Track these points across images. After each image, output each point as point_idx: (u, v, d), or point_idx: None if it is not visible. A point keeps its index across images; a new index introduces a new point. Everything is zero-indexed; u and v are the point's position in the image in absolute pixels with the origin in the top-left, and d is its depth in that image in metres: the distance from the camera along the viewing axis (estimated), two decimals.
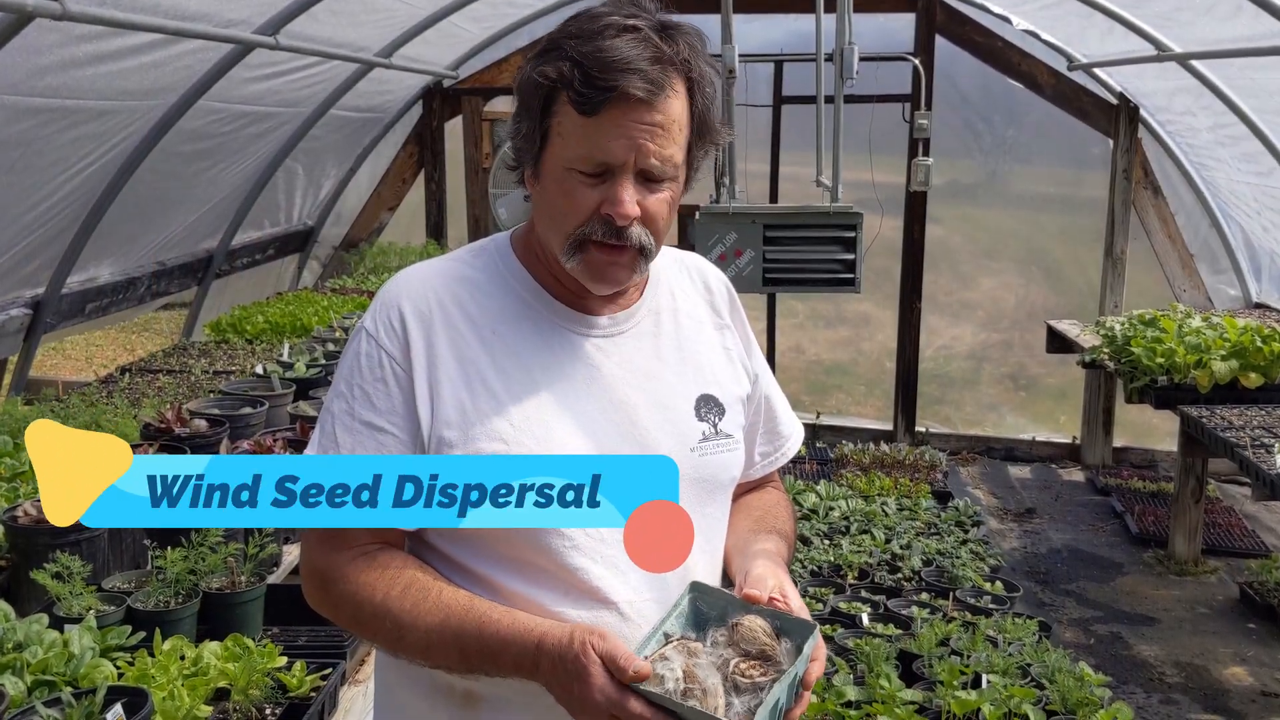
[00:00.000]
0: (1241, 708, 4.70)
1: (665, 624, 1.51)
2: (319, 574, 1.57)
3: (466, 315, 1.62)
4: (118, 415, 3.89)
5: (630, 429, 1.63)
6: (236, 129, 5.98)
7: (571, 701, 1.42)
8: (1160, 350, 5.62)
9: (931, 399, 8.39)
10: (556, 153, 1.55)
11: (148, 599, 2.61)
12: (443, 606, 1.50)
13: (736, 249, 6.54)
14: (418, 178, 8.37)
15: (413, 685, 1.64)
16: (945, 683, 3.85)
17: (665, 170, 1.56)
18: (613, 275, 1.60)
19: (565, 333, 1.65)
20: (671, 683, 1.39)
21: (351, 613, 1.55)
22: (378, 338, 1.61)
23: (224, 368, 5.19)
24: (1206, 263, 7.84)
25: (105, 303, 5.68)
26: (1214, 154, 7.18)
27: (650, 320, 1.72)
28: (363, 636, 1.58)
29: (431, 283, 1.65)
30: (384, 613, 1.51)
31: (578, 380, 1.62)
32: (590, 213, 1.55)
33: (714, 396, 1.73)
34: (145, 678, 2.15)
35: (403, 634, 1.49)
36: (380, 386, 1.58)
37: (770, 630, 1.48)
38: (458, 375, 1.58)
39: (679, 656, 1.43)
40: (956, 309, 8.60)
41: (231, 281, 7.33)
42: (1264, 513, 7.09)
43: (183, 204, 6.13)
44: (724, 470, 1.73)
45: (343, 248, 8.46)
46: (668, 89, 1.52)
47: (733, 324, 1.84)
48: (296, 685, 2.29)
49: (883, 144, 7.57)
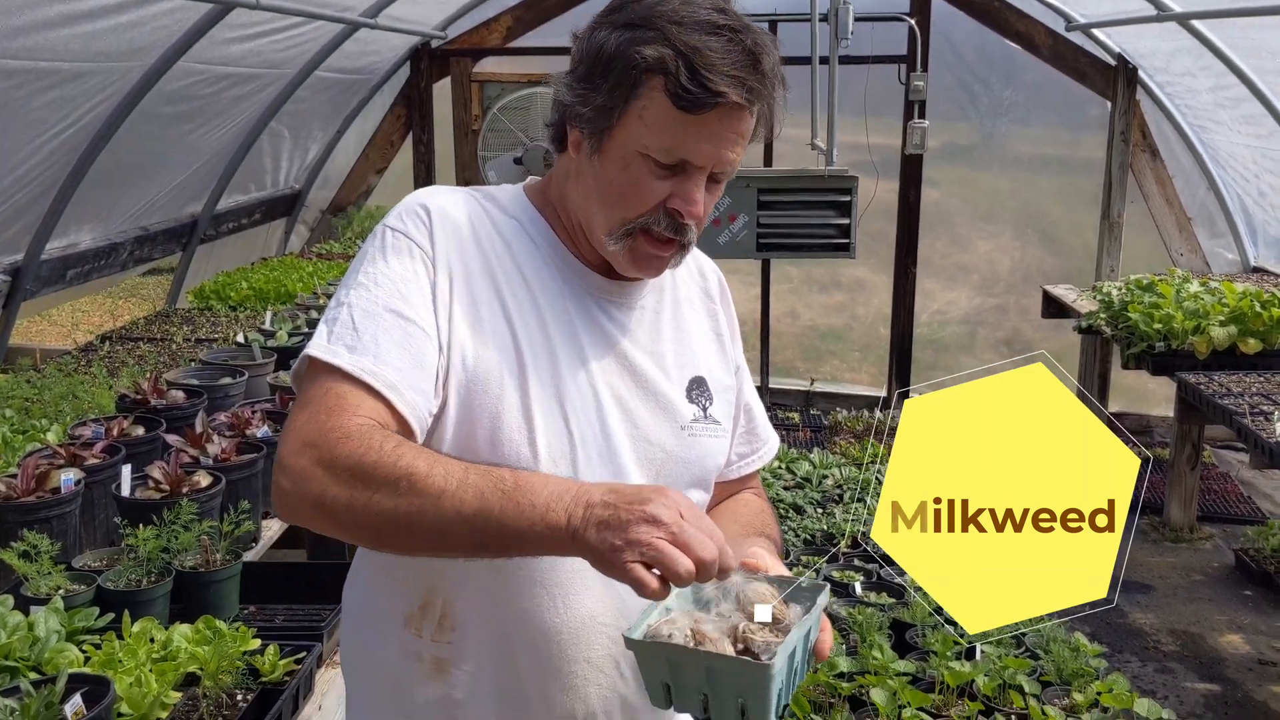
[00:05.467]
0: (1238, 676, 4.66)
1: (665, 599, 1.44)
2: (312, 442, 1.35)
3: (489, 235, 1.58)
4: (94, 386, 3.81)
5: (637, 388, 1.60)
6: (219, 91, 5.86)
7: (627, 521, 1.24)
8: (1158, 316, 5.54)
9: (926, 364, 8.31)
10: (633, 135, 1.48)
11: (118, 578, 2.53)
12: (464, 462, 1.35)
13: (730, 214, 6.44)
14: (406, 140, 8.25)
15: (383, 656, 1.58)
16: (939, 654, 3.81)
17: (730, 174, 1.55)
18: (655, 266, 1.58)
19: (577, 286, 1.61)
20: (680, 640, 1.32)
21: (352, 466, 1.31)
22: (404, 229, 1.54)
23: (206, 335, 5.10)
24: (1204, 226, 7.75)
25: (86, 269, 5.58)
26: (1213, 116, 7.07)
27: (653, 297, 1.69)
28: (357, 502, 1.31)
29: (456, 195, 1.61)
30: (395, 461, 1.30)
31: (589, 332, 1.59)
32: (657, 204, 1.51)
33: (705, 380, 1.70)
34: (112, 662, 2.08)
35: (415, 482, 1.29)
36: (410, 278, 1.49)
37: (779, 596, 1.41)
38: (482, 287, 1.53)
39: (685, 620, 1.36)
40: (952, 273, 8.51)
41: (217, 247, 7.22)
42: (1260, 479, 7.04)
43: (165, 168, 6.02)
44: (710, 456, 1.69)
45: (330, 212, 8.35)
46: (760, 104, 1.49)
47: (723, 312, 1.81)
48: (269, 670, 2.21)
49: (878, 106, 7.45)
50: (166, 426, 3.30)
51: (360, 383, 1.40)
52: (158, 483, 2.85)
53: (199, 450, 3.06)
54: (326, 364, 1.42)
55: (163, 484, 2.84)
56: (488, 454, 1.48)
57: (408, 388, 1.42)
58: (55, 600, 2.32)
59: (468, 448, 1.49)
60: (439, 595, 1.54)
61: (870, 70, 7.33)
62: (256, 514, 3.06)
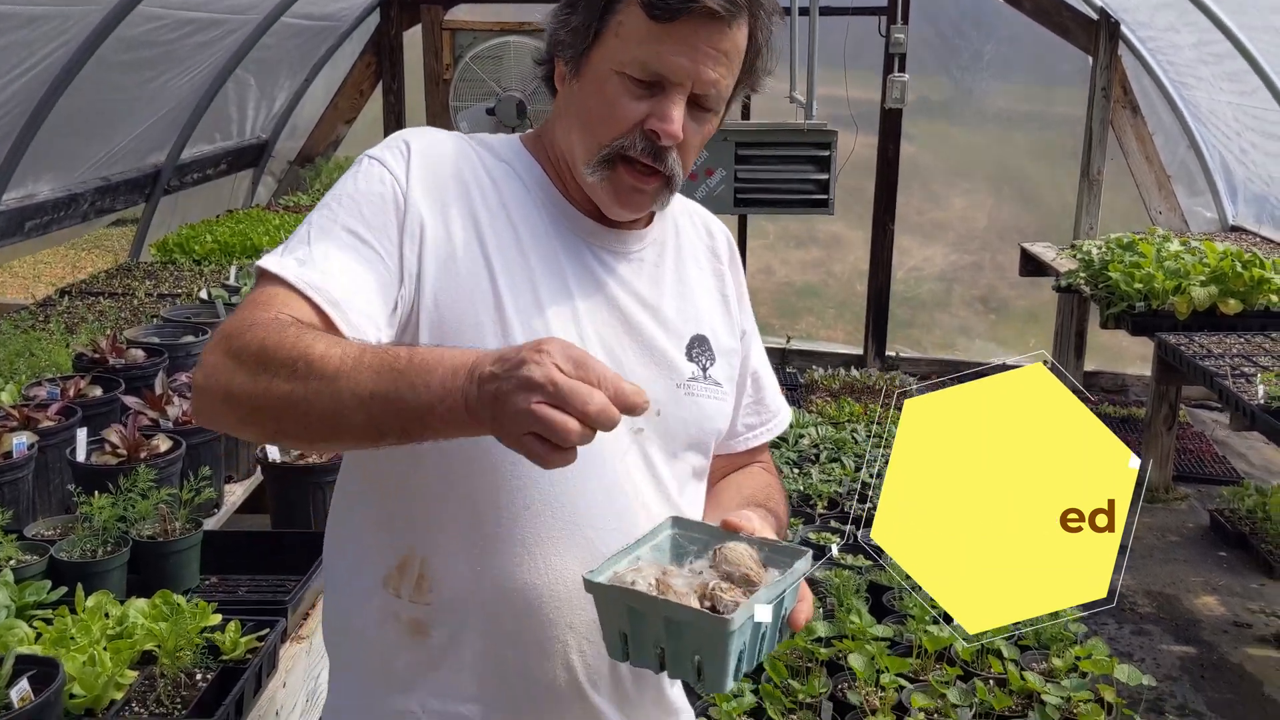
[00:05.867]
0: (1213, 638, 4.65)
1: (638, 549, 1.36)
2: (227, 334, 1.30)
3: (475, 175, 1.51)
4: (51, 343, 3.67)
5: (630, 340, 1.53)
6: (180, 37, 5.68)
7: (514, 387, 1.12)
8: (1139, 276, 5.48)
9: (902, 322, 8.25)
10: (608, 53, 1.44)
11: (72, 549, 2.41)
12: (369, 345, 1.27)
13: (708, 168, 6.32)
14: (376, 90, 8.05)
15: (362, 620, 1.52)
16: (917, 618, 3.77)
17: (714, 100, 1.47)
18: (636, 201, 1.50)
19: (569, 231, 1.53)
20: (644, 589, 1.25)
21: (255, 351, 1.25)
22: (382, 159, 1.48)
23: (170, 290, 4.95)
24: (1183, 184, 7.69)
25: (45, 220, 5.41)
26: (1195, 72, 6.99)
27: (654, 250, 1.61)
28: (258, 388, 1.24)
29: (445, 135, 1.55)
30: (294, 343, 1.24)
31: (579, 278, 1.52)
32: (632, 125, 1.44)
33: (707, 339, 1.61)
34: (64, 640, 1.98)
35: (312, 363, 1.21)
36: (376, 201, 1.43)
37: (757, 558, 1.33)
38: (460, 226, 1.46)
39: (653, 570, 1.29)
40: (928, 229, 8.43)
41: (182, 198, 7.04)
42: (1235, 439, 7.03)
43: (127, 117, 5.85)
44: (707, 419, 1.60)
45: (298, 162, 8.17)
46: (742, 16, 1.43)
47: (730, 274, 1.72)
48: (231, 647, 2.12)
49: (857, 59, 7.33)
50: (125, 387, 3.17)
51: (303, 296, 1.33)
52: (115, 447, 2.73)
53: (159, 413, 2.94)
54: (274, 275, 1.36)
55: (120, 449, 2.72)
56: None
57: (352, 309, 1.34)
58: (4, 573, 2.21)
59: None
60: (416, 553, 1.47)
61: (850, 22, 7.19)
62: (218, 480, 2.94)
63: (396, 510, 1.49)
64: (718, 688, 1.21)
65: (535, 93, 7.03)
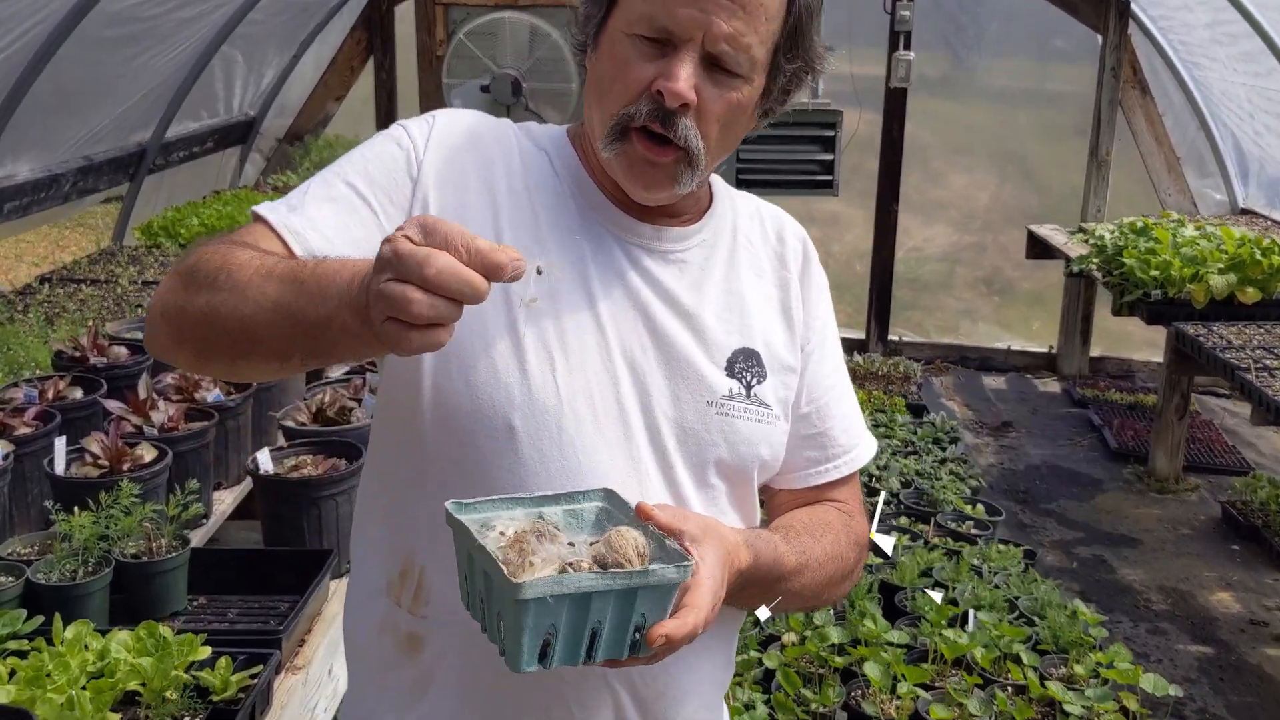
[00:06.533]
0: (1230, 637, 4.54)
1: (545, 506, 1.18)
2: (186, 264, 1.24)
3: (504, 158, 1.40)
4: (30, 337, 3.50)
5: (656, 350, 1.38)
6: (165, 12, 5.48)
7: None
8: (1155, 262, 5.33)
9: (903, 304, 8.09)
10: (621, 16, 1.32)
11: (50, 570, 2.25)
12: (294, 258, 1.21)
13: None
14: (366, 66, 7.85)
15: (366, 627, 1.43)
16: (932, 621, 3.64)
17: (737, 60, 1.29)
18: (650, 177, 1.33)
19: (600, 227, 1.40)
20: (493, 535, 1.11)
21: (192, 266, 1.21)
22: (406, 125, 1.40)
23: (154, 277, 4.77)
24: (1193, 166, 7.54)
25: (26, 201, 5.22)
26: (1209, 52, 6.82)
27: (700, 251, 1.45)
28: (185, 301, 1.19)
29: (485, 117, 1.45)
30: (223, 254, 1.19)
31: (605, 279, 1.38)
32: (641, 89, 1.29)
33: (756, 354, 1.43)
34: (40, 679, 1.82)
35: (231, 273, 1.16)
36: (387, 162, 1.35)
37: (643, 552, 1.11)
38: (476, 207, 1.35)
39: (528, 526, 1.13)
40: (928, 208, 8.25)
41: (168, 176, 6.83)
42: (1244, 427, 6.92)
43: (110, 94, 5.65)
44: (744, 443, 1.40)
45: (287, 140, 7.96)
46: None
47: (799, 285, 1.52)
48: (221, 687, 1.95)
49: (862, 35, 7.14)
50: (107, 389, 3.00)
51: (280, 239, 1.26)
52: (96, 458, 2.56)
53: (143, 418, 2.76)
54: (261, 216, 1.29)
55: (101, 459, 2.55)
56: (467, 404, 1.29)
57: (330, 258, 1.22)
58: None
59: (444, 393, 1.30)
60: (417, 559, 1.36)
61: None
62: (207, 490, 2.77)
63: (403, 512, 1.39)
64: (513, 664, 1.06)
65: (531, 70, 6.85)
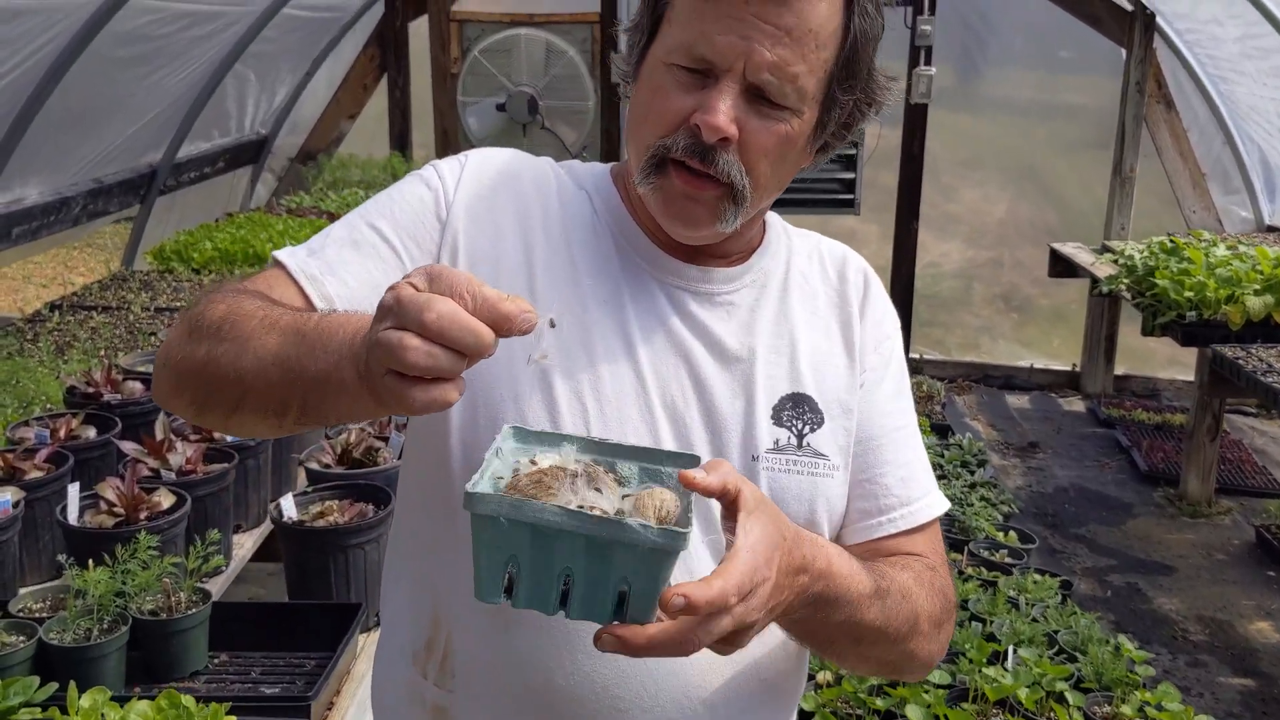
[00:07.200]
0: (1272, 670, 4.41)
1: (621, 457, 1.08)
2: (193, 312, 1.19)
3: (540, 198, 1.34)
4: (41, 368, 3.39)
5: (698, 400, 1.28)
6: (177, 31, 5.40)
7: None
8: (1189, 284, 5.20)
9: (922, 320, 7.96)
10: (659, 44, 1.24)
11: (64, 630, 2.13)
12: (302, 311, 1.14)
13: None
14: (380, 83, 7.75)
15: (395, 695, 1.36)
16: (974, 659, 3.52)
17: (783, 91, 1.20)
18: (689, 212, 1.24)
19: (641, 269, 1.32)
20: (524, 462, 1.02)
21: (197, 316, 1.16)
22: (437, 165, 1.35)
23: (167, 304, 4.65)
24: (1218, 182, 7.41)
25: (35, 225, 5.13)
26: (1238, 67, 6.69)
27: (750, 292, 1.35)
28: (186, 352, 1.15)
29: (522, 156, 1.39)
30: (228, 305, 1.14)
31: (645, 324, 1.29)
32: (678, 122, 1.21)
33: (808, 398, 1.32)
34: None
35: (236, 324, 1.10)
36: (414, 204, 1.30)
37: (665, 513, 0.99)
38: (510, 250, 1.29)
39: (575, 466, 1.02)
40: (942, 223, 8.12)
41: (179, 198, 6.74)
42: (1272, 446, 6.80)
43: (120, 114, 5.56)
44: (797, 501, 1.27)
45: (299, 159, 7.86)
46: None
47: (859, 322, 1.39)
48: None
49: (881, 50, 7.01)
50: (122, 428, 2.87)
51: (297, 285, 1.22)
52: (111, 505, 2.43)
53: (159, 461, 2.64)
54: (279, 262, 1.25)
55: (117, 507, 2.43)
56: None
57: (347, 306, 1.20)
58: None
59: (472, 448, 1.20)
60: (443, 628, 1.29)
61: None
62: (226, 536, 2.64)
63: (429, 576, 1.31)
64: (476, 591, 0.97)
65: (547, 88, 6.75)
